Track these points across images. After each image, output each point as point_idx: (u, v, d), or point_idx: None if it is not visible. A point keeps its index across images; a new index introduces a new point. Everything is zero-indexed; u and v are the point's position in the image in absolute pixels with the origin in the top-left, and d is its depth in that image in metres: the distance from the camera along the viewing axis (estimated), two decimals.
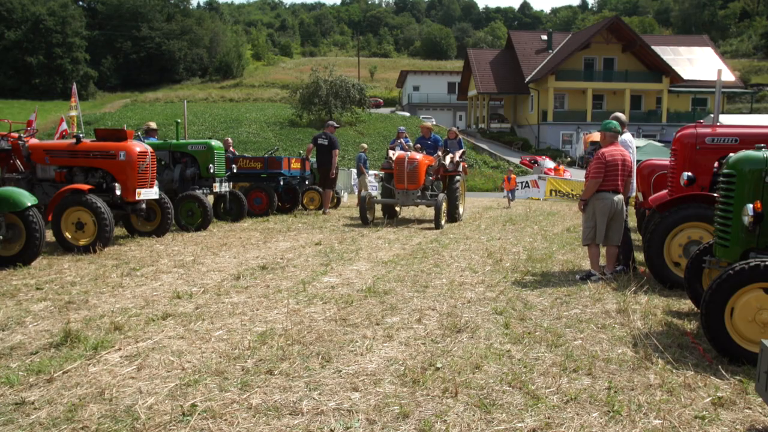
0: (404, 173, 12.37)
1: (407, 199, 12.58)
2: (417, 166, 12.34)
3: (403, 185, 12.46)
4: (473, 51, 61.18)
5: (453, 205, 13.27)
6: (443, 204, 12.10)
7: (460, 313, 5.48)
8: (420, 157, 12.56)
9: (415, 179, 12.36)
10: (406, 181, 12.38)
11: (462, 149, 14.46)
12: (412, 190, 12.48)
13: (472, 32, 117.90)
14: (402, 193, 12.59)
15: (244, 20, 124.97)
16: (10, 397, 3.49)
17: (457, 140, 14.75)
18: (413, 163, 12.34)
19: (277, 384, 3.72)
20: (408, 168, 12.34)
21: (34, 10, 73.48)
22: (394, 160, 12.68)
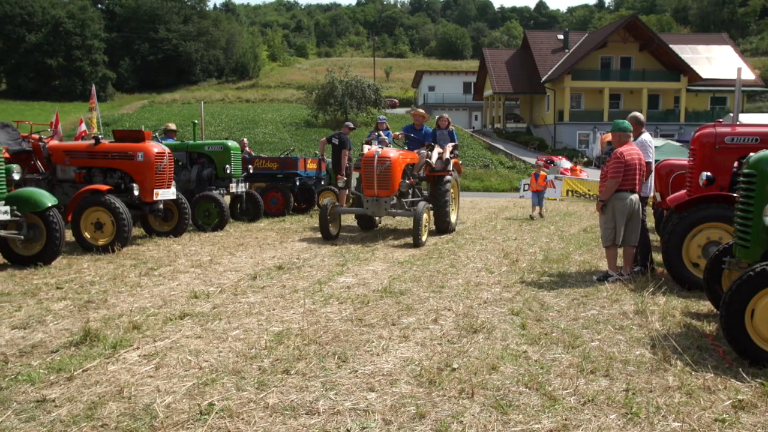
0: (373, 176, 9.88)
1: (378, 208, 10.04)
2: (390, 167, 9.85)
3: (372, 191, 9.95)
4: (489, 51, 60.93)
5: (442, 212, 10.86)
6: (424, 214, 9.63)
7: (476, 313, 5.47)
8: (394, 155, 10.02)
9: (388, 183, 9.86)
10: (375, 185, 9.88)
11: (454, 142, 11.99)
12: (384, 197, 9.92)
13: (488, 32, 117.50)
14: (371, 202, 10.01)
15: (260, 21, 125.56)
16: (31, 395, 3.54)
17: (449, 131, 12.16)
18: (385, 162, 9.84)
19: (294, 384, 3.74)
20: (378, 169, 9.85)
21: (54, 13, 74.35)
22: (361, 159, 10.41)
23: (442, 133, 12.03)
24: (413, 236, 9.46)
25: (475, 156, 41.97)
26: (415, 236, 9.43)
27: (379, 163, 9.87)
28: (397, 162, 9.97)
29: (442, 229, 11.04)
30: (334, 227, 10.50)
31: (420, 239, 9.46)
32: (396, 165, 9.95)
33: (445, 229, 11.09)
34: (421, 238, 9.49)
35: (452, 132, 12.18)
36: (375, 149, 10.06)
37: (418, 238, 9.41)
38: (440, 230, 11.04)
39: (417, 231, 9.38)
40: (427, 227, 9.89)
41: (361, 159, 10.25)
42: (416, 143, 11.58)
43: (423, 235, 9.62)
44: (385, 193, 9.93)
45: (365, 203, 10.15)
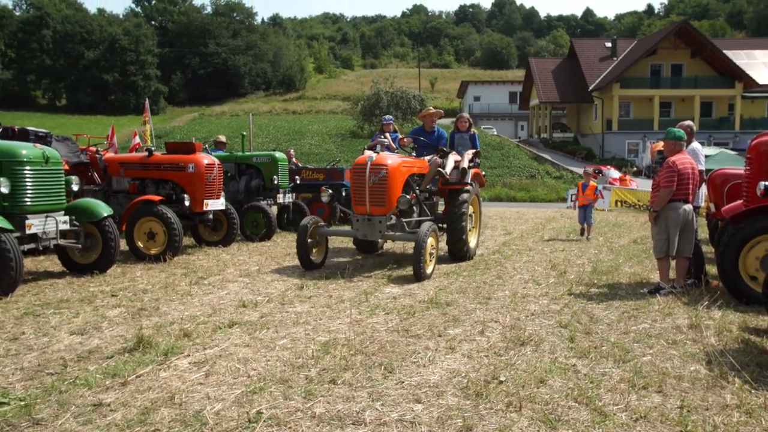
0: (365, 188, 7.86)
1: (371, 229, 7.92)
2: (386, 177, 7.77)
3: (363, 207, 7.93)
4: (535, 60, 60.38)
5: (457, 234, 8.83)
6: (429, 239, 7.54)
7: (523, 325, 5.40)
8: (393, 162, 7.96)
9: (383, 198, 7.82)
10: (367, 200, 7.87)
11: (475, 149, 9.79)
12: (377, 216, 7.84)
13: (534, 41, 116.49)
14: (362, 221, 7.94)
15: (306, 34, 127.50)
16: (88, 398, 3.65)
17: (470, 134, 9.94)
18: (379, 171, 7.78)
19: (341, 393, 3.76)
20: (371, 180, 7.80)
21: (111, 31, 77.30)
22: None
23: (462, 137, 9.88)
24: (413, 267, 7.43)
25: (522, 166, 41.54)
26: (416, 267, 7.33)
27: (372, 171, 7.77)
28: (396, 171, 7.90)
29: (457, 255, 9.00)
30: (319, 253, 8.44)
31: (422, 271, 7.35)
32: (394, 175, 7.86)
33: (462, 255, 8.99)
34: (423, 269, 7.37)
35: (474, 136, 9.94)
36: (368, 154, 8.05)
37: (420, 269, 7.30)
38: (455, 256, 9.02)
39: (417, 260, 7.27)
40: (434, 255, 7.79)
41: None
42: (428, 149, 9.49)
43: (427, 265, 7.52)
44: (380, 210, 7.81)
45: (354, 223, 8.01)
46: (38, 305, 6.03)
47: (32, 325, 5.31)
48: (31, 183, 6.79)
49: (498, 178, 38.27)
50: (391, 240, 9.04)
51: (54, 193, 7.14)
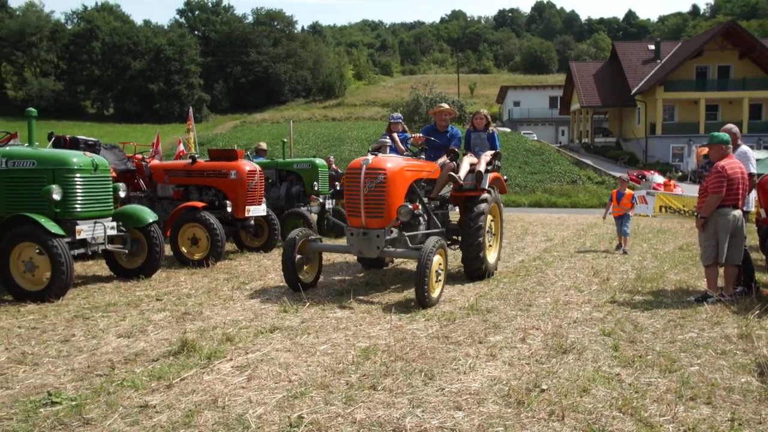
0: (359, 197, 6.66)
1: (367, 245, 6.74)
2: (384, 183, 6.59)
3: (358, 219, 6.73)
4: (575, 64, 59.54)
5: (473, 249, 7.68)
6: (435, 257, 6.37)
7: (565, 333, 5.32)
8: (394, 165, 6.77)
9: (381, 208, 6.62)
10: (362, 211, 6.66)
11: (494, 150, 8.54)
12: (374, 230, 6.66)
13: (574, 45, 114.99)
14: (357, 236, 6.76)
15: (345, 41, 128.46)
16: (135, 400, 3.74)
17: (488, 133, 8.66)
18: (376, 176, 6.61)
19: (381, 399, 3.76)
20: (367, 186, 6.62)
21: (156, 41, 79.34)
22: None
23: (478, 136, 8.65)
24: (416, 291, 6.25)
25: (562, 171, 40.96)
26: (419, 291, 6.16)
27: (368, 177, 6.59)
28: (396, 176, 6.68)
29: (474, 273, 7.85)
30: (310, 270, 7.30)
31: (426, 295, 6.16)
32: (394, 180, 6.64)
33: (480, 273, 7.83)
34: (428, 293, 6.18)
35: (494, 135, 8.69)
36: (365, 157, 6.90)
37: (423, 294, 6.14)
38: (471, 275, 7.86)
39: (420, 283, 6.12)
40: (442, 276, 6.61)
41: None
42: (440, 151, 8.22)
43: (433, 288, 6.33)
44: (377, 222, 6.61)
45: (348, 237, 6.88)
46: (87, 308, 6.21)
47: (82, 327, 5.47)
48: (82, 190, 7.01)
49: (538, 184, 37.81)
50: (391, 257, 8.31)
51: (102, 199, 7.35)
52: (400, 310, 6.19)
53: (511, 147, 47.73)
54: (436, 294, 6.46)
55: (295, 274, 6.91)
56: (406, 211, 6.58)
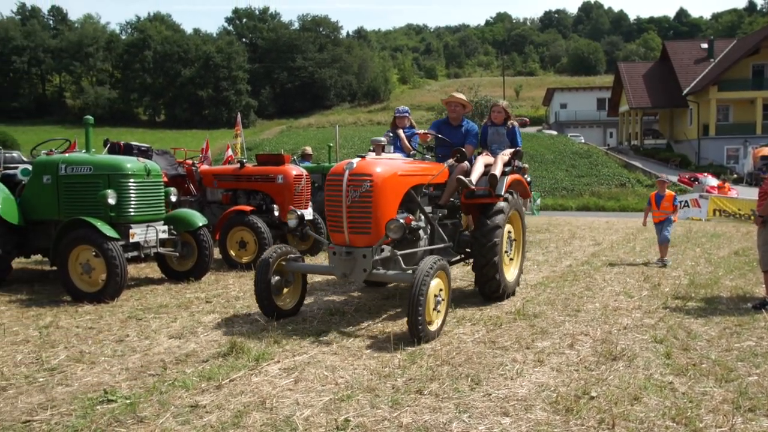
0: (341, 208, 5.53)
1: (352, 267, 5.57)
2: (371, 192, 5.43)
3: (341, 235, 5.60)
4: (624, 64, 58.34)
5: (487, 266, 6.49)
6: (433, 281, 5.18)
7: (615, 339, 5.21)
8: (384, 169, 5.58)
9: (366, 222, 5.47)
10: (345, 225, 5.53)
11: (515, 148, 7.35)
12: (360, 248, 5.51)
13: (623, 45, 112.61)
14: (339, 255, 5.61)
15: (390, 46, 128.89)
16: (186, 400, 3.83)
17: (508, 128, 7.41)
18: (362, 183, 5.45)
19: (427, 404, 3.76)
20: (351, 196, 5.47)
21: (206, 49, 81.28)
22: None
23: (497, 131, 7.43)
24: (408, 322, 5.05)
25: (611, 174, 40.14)
26: (411, 323, 4.99)
27: (351, 184, 5.43)
28: (386, 183, 5.49)
29: (489, 294, 6.69)
30: (292, 294, 6.11)
31: (420, 328, 4.98)
32: (384, 188, 5.46)
33: (497, 295, 6.69)
34: (423, 325, 5.02)
35: (514, 130, 7.42)
36: (349, 160, 5.66)
37: (417, 325, 4.96)
38: (487, 294, 6.72)
39: (413, 313, 4.94)
40: (443, 303, 5.39)
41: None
42: (446, 148, 7.04)
43: (431, 318, 5.19)
44: (363, 240, 5.47)
45: (330, 257, 5.72)
46: (140, 309, 6.39)
47: (135, 328, 5.63)
48: (135, 194, 7.23)
49: (586, 187, 37.16)
50: (380, 281, 7.03)
51: (155, 204, 7.56)
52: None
53: (557, 150, 47.02)
54: (435, 325, 5.26)
55: (270, 300, 5.76)
56: (396, 227, 5.29)
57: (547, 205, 31.69)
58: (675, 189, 34.13)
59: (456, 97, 7.35)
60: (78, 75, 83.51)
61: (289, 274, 6.03)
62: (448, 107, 7.39)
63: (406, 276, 5.41)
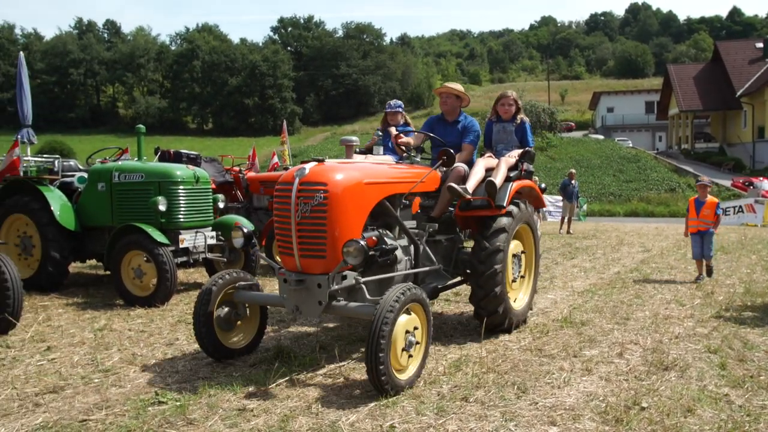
0: (290, 225, 4.42)
1: (304, 298, 4.45)
2: (326, 203, 4.32)
3: (291, 259, 4.48)
4: (673, 66, 56.87)
5: (488, 289, 5.30)
6: (403, 316, 4.10)
7: (666, 349, 5.07)
8: (345, 176, 4.47)
9: (319, 243, 4.35)
10: (295, 247, 4.41)
11: (526, 148, 6.09)
12: (315, 276, 4.38)
13: (672, 47, 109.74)
14: (290, 283, 4.45)
15: (434, 52, 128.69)
16: (233, 403, 3.90)
17: (516, 124, 6.14)
18: (314, 194, 4.33)
19: (473, 412, 3.73)
20: (301, 210, 4.35)
21: (252, 58, 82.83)
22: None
23: (503, 128, 6.20)
24: (368, 371, 3.92)
25: (660, 179, 39.19)
26: (370, 370, 3.89)
27: (301, 196, 4.34)
28: (347, 193, 4.40)
29: (492, 324, 5.47)
30: (244, 330, 5.03)
31: (383, 379, 3.90)
32: (344, 200, 4.37)
33: (501, 326, 5.53)
34: (388, 375, 3.93)
35: (524, 126, 6.14)
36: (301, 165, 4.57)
37: (379, 375, 3.87)
38: (491, 322, 5.45)
39: (373, 359, 3.85)
40: (418, 348, 4.26)
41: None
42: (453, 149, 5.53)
43: (400, 365, 4.10)
44: (319, 265, 4.36)
45: (280, 285, 4.60)
46: (189, 314, 6.50)
47: (184, 332, 5.76)
48: (184, 201, 7.41)
49: (634, 192, 36.38)
50: (339, 316, 5.83)
51: (203, 210, 7.74)
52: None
53: (604, 154, 46.19)
54: (408, 373, 4.15)
55: (212, 338, 4.70)
56: (355, 250, 4.07)
57: (594, 211, 31.13)
58: (728, 194, 33.07)
59: (449, 87, 6.15)
60: (130, 85, 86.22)
61: (239, 305, 4.92)
62: (440, 99, 6.20)
63: (367, 310, 4.19)
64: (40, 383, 4.31)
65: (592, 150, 48.12)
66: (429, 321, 4.37)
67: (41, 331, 5.81)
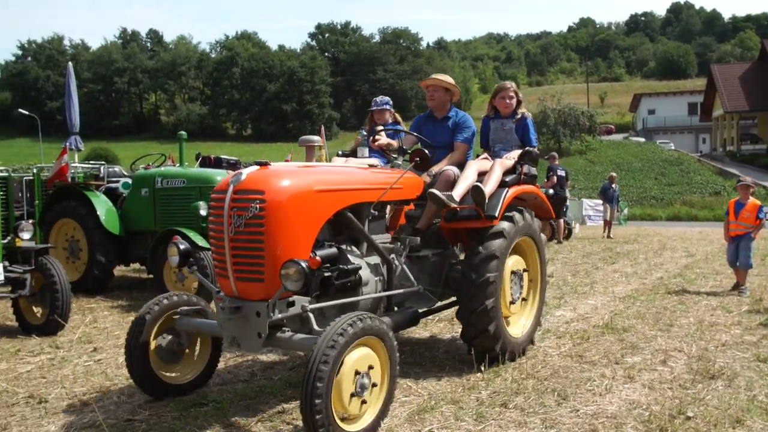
0: (223, 242, 3.66)
1: (241, 327, 3.65)
2: (264, 215, 3.53)
3: (226, 281, 3.72)
4: (718, 66, 55.42)
5: (473, 317, 4.52)
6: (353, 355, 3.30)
7: (712, 357, 4.94)
8: (292, 180, 3.72)
9: (258, 263, 3.57)
10: (230, 268, 3.65)
11: (529, 147, 5.24)
12: (253, 303, 3.61)
13: (716, 46, 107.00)
14: (226, 308, 3.65)
15: (470, 56, 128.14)
16: (273, 405, 3.94)
17: (517, 120, 5.33)
18: (250, 204, 3.56)
19: (512, 418, 3.70)
20: (235, 224, 3.60)
21: (290, 64, 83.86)
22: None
23: (502, 125, 5.39)
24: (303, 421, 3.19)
25: (704, 182, 38.23)
26: (305, 417, 3.15)
27: (235, 206, 3.64)
28: (292, 201, 3.67)
29: (485, 354, 4.63)
30: (191, 363, 4.28)
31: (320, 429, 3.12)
32: (285, 210, 3.63)
33: (491, 351, 4.64)
34: (328, 425, 3.16)
35: (526, 122, 5.31)
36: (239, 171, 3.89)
37: (315, 426, 3.11)
38: (480, 355, 4.64)
39: (307, 402, 3.12)
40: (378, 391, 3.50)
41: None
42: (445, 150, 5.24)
43: (353, 415, 3.39)
44: (255, 289, 3.65)
45: (218, 312, 3.84)
46: None
47: None
48: None
49: (677, 196, 35.58)
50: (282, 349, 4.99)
51: None
52: None
53: (645, 157, 45.31)
54: (360, 424, 3.41)
55: (147, 372, 3.99)
56: (296, 273, 3.36)
57: (635, 215, 30.55)
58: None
59: (437, 79, 5.31)
60: (172, 93, 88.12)
61: (183, 334, 4.16)
62: (427, 94, 5.41)
63: (309, 344, 3.36)
64: (88, 383, 4.44)
65: (632, 153, 47.23)
66: (392, 358, 3.55)
67: (88, 332, 5.97)
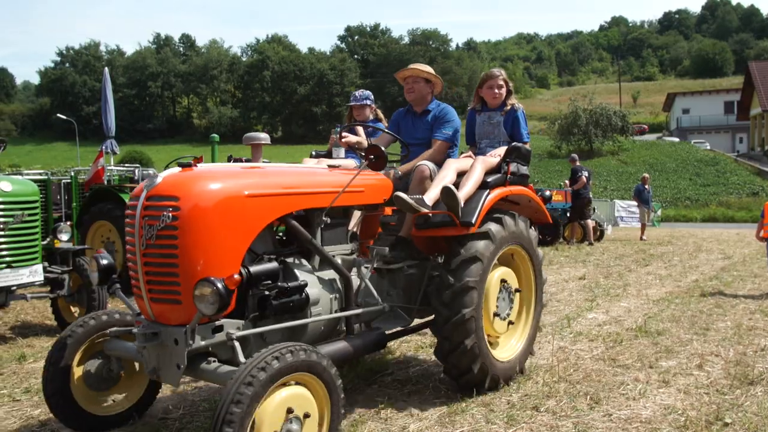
0: (135, 257, 3.09)
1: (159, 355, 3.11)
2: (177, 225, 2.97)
3: (141, 301, 3.17)
4: (756, 64, 54.13)
5: (453, 356, 3.94)
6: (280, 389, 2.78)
7: (751, 362, 4.82)
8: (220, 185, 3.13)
9: (173, 283, 3.03)
10: (143, 288, 3.09)
11: (519, 143, 4.47)
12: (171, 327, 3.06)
13: (754, 43, 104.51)
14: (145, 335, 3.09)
15: (500, 56, 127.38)
16: None
17: (506, 112, 4.60)
18: (162, 212, 2.99)
19: (544, 421, 3.66)
20: (146, 236, 3.03)
21: (320, 67, 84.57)
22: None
23: (488, 118, 4.71)
24: None
25: (741, 183, 37.36)
26: None
27: (147, 214, 3.05)
28: (215, 209, 3.07)
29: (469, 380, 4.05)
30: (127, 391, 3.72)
31: None
32: (204, 219, 3.03)
33: (478, 377, 4.03)
34: None
35: (515, 114, 4.60)
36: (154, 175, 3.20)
37: None
38: (454, 370, 4.07)
39: None
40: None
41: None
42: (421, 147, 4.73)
43: None
44: (173, 312, 3.08)
45: (137, 336, 3.12)
46: None
47: None
48: None
49: (712, 197, 34.84)
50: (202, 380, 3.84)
51: None
52: (563, 329, 5.99)
53: (680, 158, 44.49)
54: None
55: (67, 403, 3.44)
56: (212, 294, 2.82)
57: (669, 216, 30.03)
58: None
59: (416, 69, 4.71)
60: (204, 96, 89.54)
61: (112, 359, 3.59)
62: (405, 87, 4.82)
63: (222, 377, 2.96)
64: None
65: (666, 153, 46.42)
66: (334, 399, 3.00)
67: None
